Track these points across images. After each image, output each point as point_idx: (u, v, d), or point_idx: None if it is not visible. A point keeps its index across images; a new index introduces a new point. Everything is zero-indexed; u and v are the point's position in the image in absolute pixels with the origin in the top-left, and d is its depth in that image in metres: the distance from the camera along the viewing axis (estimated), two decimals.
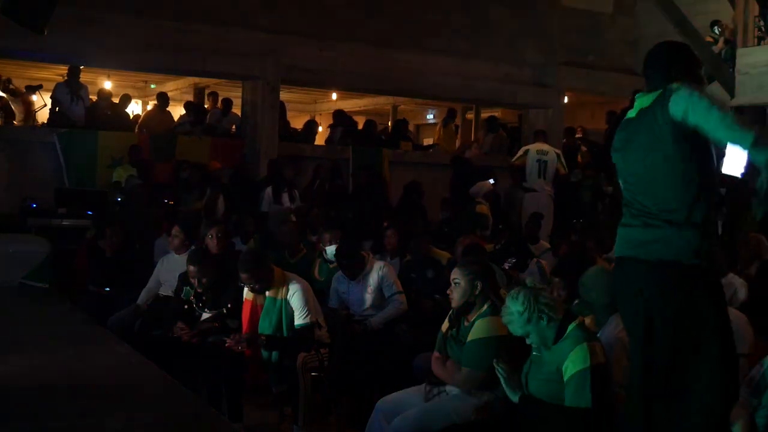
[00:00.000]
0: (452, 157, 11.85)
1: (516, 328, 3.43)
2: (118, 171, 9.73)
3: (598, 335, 3.59)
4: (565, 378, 3.31)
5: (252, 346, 4.76)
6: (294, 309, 4.72)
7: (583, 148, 13.03)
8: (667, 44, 3.24)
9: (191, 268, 5.18)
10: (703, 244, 2.96)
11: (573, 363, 3.29)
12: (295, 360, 4.65)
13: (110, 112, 11.39)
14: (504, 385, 3.50)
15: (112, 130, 10.57)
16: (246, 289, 4.91)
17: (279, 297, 4.75)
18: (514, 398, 3.46)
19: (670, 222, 2.95)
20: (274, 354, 4.74)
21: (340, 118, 12.97)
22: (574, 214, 10.56)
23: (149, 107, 15.22)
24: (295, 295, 4.72)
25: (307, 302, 4.73)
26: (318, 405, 4.94)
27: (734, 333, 3.93)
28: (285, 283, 4.77)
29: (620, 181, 3.20)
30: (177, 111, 13.13)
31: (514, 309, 3.39)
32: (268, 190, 9.49)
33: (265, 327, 4.77)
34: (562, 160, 10.82)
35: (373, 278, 5.59)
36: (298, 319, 4.71)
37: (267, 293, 4.77)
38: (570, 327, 3.39)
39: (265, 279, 4.75)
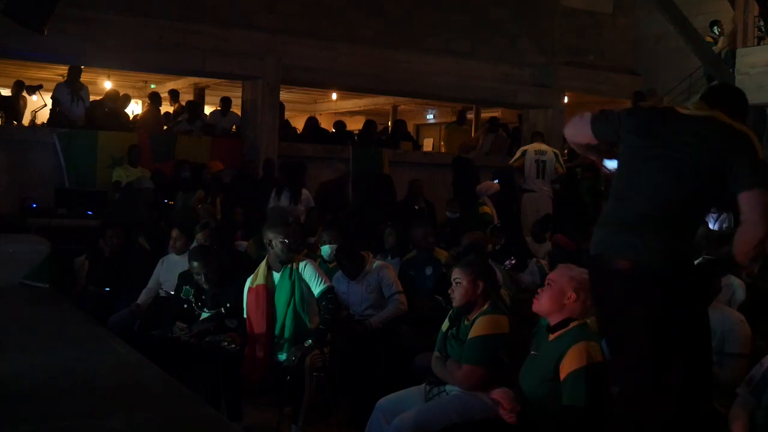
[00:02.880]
0: (454, 157, 11.83)
1: None
2: (117, 171, 9.73)
3: None
4: (562, 377, 3.32)
5: (255, 343, 4.80)
6: (308, 280, 4.91)
7: None
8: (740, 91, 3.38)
9: (194, 263, 5.18)
10: (685, 250, 2.94)
11: (569, 361, 3.30)
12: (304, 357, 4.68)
13: (111, 110, 11.38)
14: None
15: (112, 130, 10.58)
16: (250, 278, 4.98)
17: (293, 269, 4.92)
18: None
19: (659, 227, 2.89)
20: (287, 329, 4.83)
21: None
22: (574, 213, 10.54)
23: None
24: (306, 267, 4.94)
25: (317, 271, 4.97)
26: (318, 405, 4.94)
27: (731, 333, 3.92)
28: (296, 261, 4.99)
29: (616, 178, 3.11)
30: None
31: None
32: (273, 191, 9.48)
33: (281, 294, 4.87)
34: (560, 159, 10.81)
35: (372, 278, 5.61)
36: (316, 288, 4.88)
37: (282, 266, 4.95)
38: (571, 324, 3.41)
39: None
